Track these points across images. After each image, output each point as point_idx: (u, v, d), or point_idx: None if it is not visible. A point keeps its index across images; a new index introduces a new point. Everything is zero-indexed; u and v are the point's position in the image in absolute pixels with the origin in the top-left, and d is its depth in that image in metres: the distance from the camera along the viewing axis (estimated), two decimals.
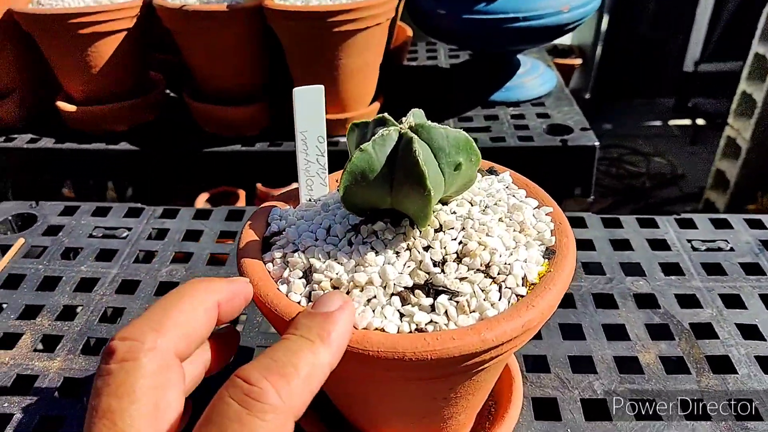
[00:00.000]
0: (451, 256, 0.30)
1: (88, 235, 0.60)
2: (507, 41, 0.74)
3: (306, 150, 0.35)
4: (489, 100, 0.82)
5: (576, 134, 0.74)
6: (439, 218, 0.31)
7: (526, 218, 0.32)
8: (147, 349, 0.22)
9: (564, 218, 0.33)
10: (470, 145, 0.30)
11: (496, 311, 0.28)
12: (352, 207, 0.31)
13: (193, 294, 0.25)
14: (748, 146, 1.73)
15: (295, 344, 0.23)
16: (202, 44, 0.72)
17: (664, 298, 0.51)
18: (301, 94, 0.34)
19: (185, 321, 0.24)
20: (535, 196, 0.35)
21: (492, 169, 0.38)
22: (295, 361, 0.22)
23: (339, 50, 0.68)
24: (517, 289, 0.29)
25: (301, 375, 0.22)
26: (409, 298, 0.28)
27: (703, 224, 0.60)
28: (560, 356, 0.46)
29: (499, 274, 0.29)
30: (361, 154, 0.28)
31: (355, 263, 0.30)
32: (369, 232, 0.31)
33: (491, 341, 0.26)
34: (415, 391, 0.31)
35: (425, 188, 0.27)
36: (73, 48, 0.73)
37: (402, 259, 0.30)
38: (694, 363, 0.45)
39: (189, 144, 0.78)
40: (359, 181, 0.29)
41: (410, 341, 0.26)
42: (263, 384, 0.21)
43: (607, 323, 0.49)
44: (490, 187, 0.35)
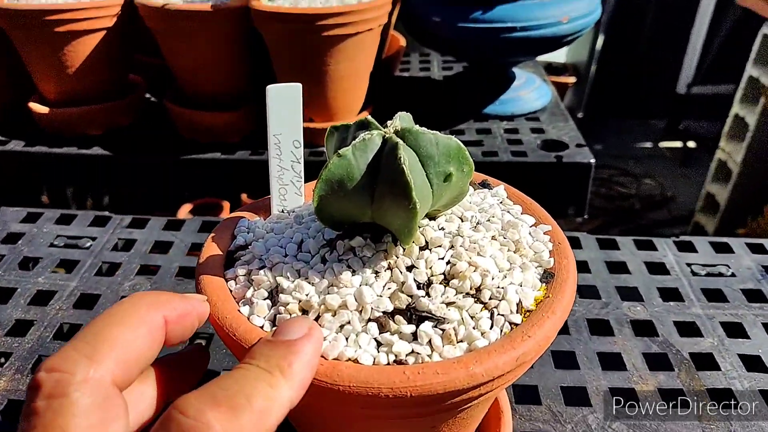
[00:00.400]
0: (438, 278, 0.27)
1: (50, 244, 0.56)
2: (503, 52, 0.71)
3: (279, 155, 0.32)
4: (482, 113, 0.79)
5: (571, 150, 0.72)
6: (426, 234, 0.28)
7: (522, 237, 0.29)
8: (78, 381, 0.18)
9: (563, 238, 0.30)
10: (462, 153, 0.27)
11: (486, 341, 0.24)
12: (327, 220, 0.28)
13: (134, 311, 0.22)
14: (739, 170, 1.71)
15: (250, 374, 0.20)
16: (185, 45, 0.69)
17: (663, 325, 0.48)
18: (276, 92, 0.31)
19: (124, 343, 0.20)
20: (532, 213, 0.32)
21: (485, 182, 0.35)
22: (248, 391, 0.19)
23: (328, 56, 0.65)
24: (511, 316, 0.26)
25: (254, 408, 0.18)
26: (388, 324, 0.25)
27: (703, 248, 0.57)
28: (552, 387, 0.43)
29: (490, 299, 0.26)
30: (339, 160, 0.25)
31: (328, 284, 0.26)
32: (345, 249, 0.28)
33: (480, 377, 0.23)
34: (394, 430, 0.27)
35: (410, 200, 0.24)
36: (48, 46, 0.70)
37: (382, 280, 0.26)
38: (695, 396, 0.42)
39: (166, 150, 0.75)
40: (336, 191, 0.26)
41: (387, 375, 0.23)
42: (205, 417, 0.17)
43: (603, 351, 0.46)
44: (482, 202, 0.32)
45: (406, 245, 0.27)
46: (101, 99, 0.76)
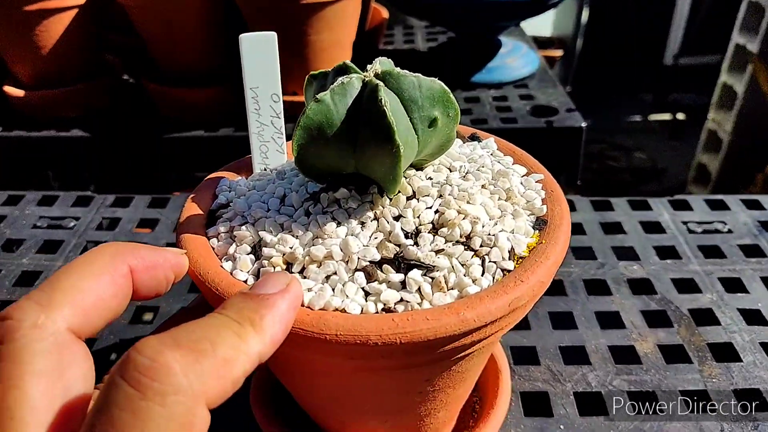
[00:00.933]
0: (426, 227, 0.25)
1: (33, 225, 0.55)
2: (488, 17, 0.69)
3: (258, 110, 0.31)
4: (470, 82, 0.78)
5: (561, 115, 0.71)
6: (413, 184, 0.27)
7: (513, 185, 0.28)
8: (27, 327, 0.18)
9: (556, 186, 0.29)
10: (447, 96, 0.26)
11: (478, 288, 0.23)
12: (309, 171, 0.26)
13: (96, 260, 0.21)
14: (729, 139, 1.71)
15: (218, 322, 0.19)
16: (158, 19, 0.67)
17: (661, 283, 0.47)
18: (250, 41, 0.29)
19: (82, 291, 0.20)
20: (524, 163, 0.31)
21: (474, 135, 0.34)
22: (213, 338, 0.18)
23: (307, 25, 0.63)
24: (503, 263, 0.25)
25: (218, 355, 0.17)
26: (376, 274, 0.24)
27: (699, 205, 0.56)
28: (550, 347, 0.42)
29: (481, 247, 0.25)
30: (317, 105, 0.24)
31: (312, 236, 0.25)
32: (330, 201, 0.27)
33: (472, 322, 0.22)
34: (387, 384, 0.26)
35: (393, 144, 0.23)
36: (19, 26, 0.68)
37: (368, 230, 0.25)
38: (696, 351, 0.42)
39: (147, 129, 0.73)
40: (315, 138, 0.24)
41: (375, 322, 0.22)
42: (164, 358, 0.16)
43: (601, 311, 0.45)
44: (472, 153, 0.31)
45: (392, 194, 0.26)
46: (77, 80, 0.74)
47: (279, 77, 0.30)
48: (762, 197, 0.57)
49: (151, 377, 0.16)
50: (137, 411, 0.15)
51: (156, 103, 0.75)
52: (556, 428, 0.37)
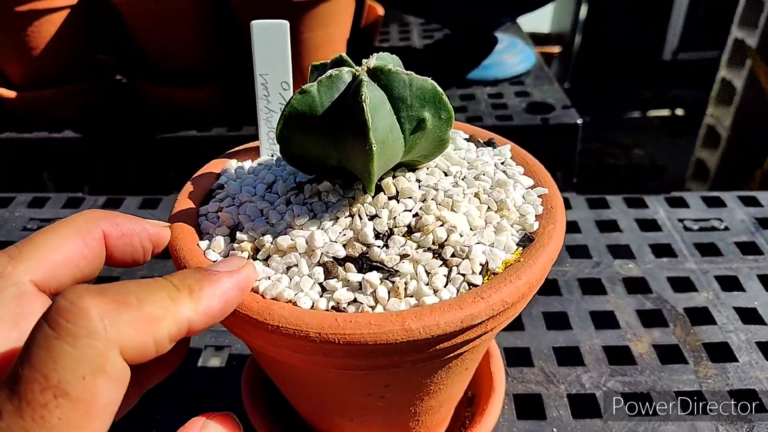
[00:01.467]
0: (401, 230, 0.25)
1: (22, 228, 0.54)
2: (483, 11, 0.69)
3: (267, 97, 0.31)
4: (465, 79, 0.77)
5: (558, 112, 0.70)
6: (398, 184, 0.26)
7: (508, 197, 0.27)
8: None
9: (559, 203, 0.28)
10: (439, 97, 0.25)
11: (437, 299, 0.23)
12: (293, 159, 0.26)
13: (71, 222, 0.22)
14: (728, 134, 1.70)
15: (155, 283, 0.19)
16: (151, 18, 0.66)
17: (656, 281, 0.47)
18: (261, 28, 0.29)
19: (51, 247, 0.21)
20: (533, 174, 0.30)
21: (491, 140, 0.32)
22: (142, 294, 0.18)
23: (300, 23, 0.63)
24: (471, 276, 0.23)
25: (142, 310, 0.17)
26: (336, 270, 0.24)
27: (695, 202, 0.56)
28: (544, 348, 0.42)
29: (453, 257, 0.24)
30: (301, 96, 0.24)
31: (285, 225, 0.25)
32: (312, 193, 0.27)
33: (417, 333, 0.21)
34: (345, 384, 0.26)
35: (367, 141, 0.22)
36: (10, 27, 0.67)
37: (339, 226, 0.25)
38: (691, 351, 0.41)
39: (140, 129, 0.72)
40: (296, 127, 0.24)
41: (318, 319, 0.22)
42: (83, 302, 0.16)
43: (595, 310, 0.45)
44: (477, 159, 0.30)
45: (369, 191, 0.25)
46: (70, 80, 0.73)
47: (290, 65, 0.30)
48: (759, 194, 0.56)
49: (67, 318, 0.16)
50: (51, 349, 0.15)
51: (149, 102, 0.74)
52: (549, 431, 0.36)
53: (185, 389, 0.39)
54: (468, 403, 0.36)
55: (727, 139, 1.71)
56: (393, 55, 0.27)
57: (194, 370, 0.41)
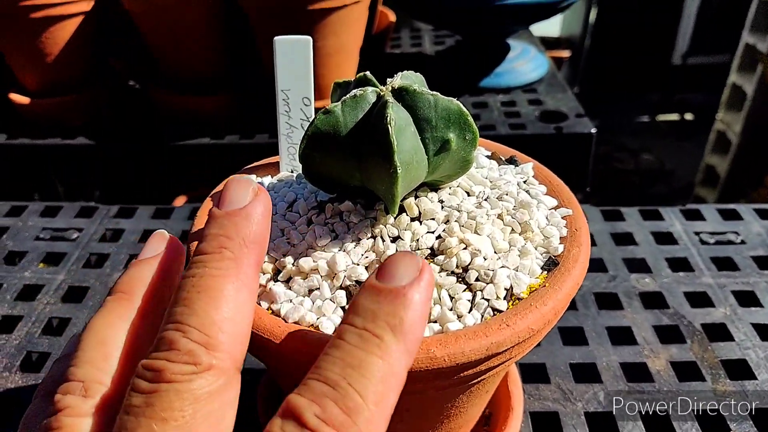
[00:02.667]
0: (424, 252, 0.25)
1: (35, 237, 0.54)
2: (497, 20, 0.68)
3: (288, 113, 0.30)
4: (478, 87, 0.77)
5: (571, 121, 0.69)
6: (421, 205, 0.26)
7: (532, 219, 0.26)
8: (202, 370, 0.17)
9: (584, 225, 0.27)
10: (464, 118, 0.25)
11: (461, 325, 0.22)
12: (315, 179, 0.26)
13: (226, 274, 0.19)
14: (738, 140, 1.69)
15: (356, 352, 0.17)
16: (164, 25, 0.66)
17: (673, 296, 0.47)
18: (285, 45, 0.29)
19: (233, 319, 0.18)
20: (557, 194, 0.29)
21: (513, 158, 0.32)
22: (359, 383, 0.17)
23: (314, 30, 0.63)
24: (496, 302, 0.23)
25: (370, 404, 0.17)
26: None
27: (711, 215, 0.55)
28: (560, 364, 0.41)
29: (477, 281, 0.24)
30: (325, 116, 0.24)
31: (306, 246, 0.25)
32: (333, 213, 0.27)
33: (441, 361, 0.21)
34: None
35: (392, 164, 0.22)
36: (24, 34, 0.67)
37: (362, 248, 0.25)
38: (709, 368, 0.41)
39: (152, 136, 0.72)
40: (320, 148, 0.24)
41: None
42: (324, 429, 0.16)
43: (612, 326, 0.44)
44: (499, 178, 0.29)
45: (392, 213, 0.25)
46: (83, 87, 0.73)
47: (312, 81, 0.30)
48: None
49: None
50: None
51: (161, 109, 0.74)
52: None
53: None
54: (485, 422, 0.36)
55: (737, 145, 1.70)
56: (417, 74, 0.27)
57: None
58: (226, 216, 0.20)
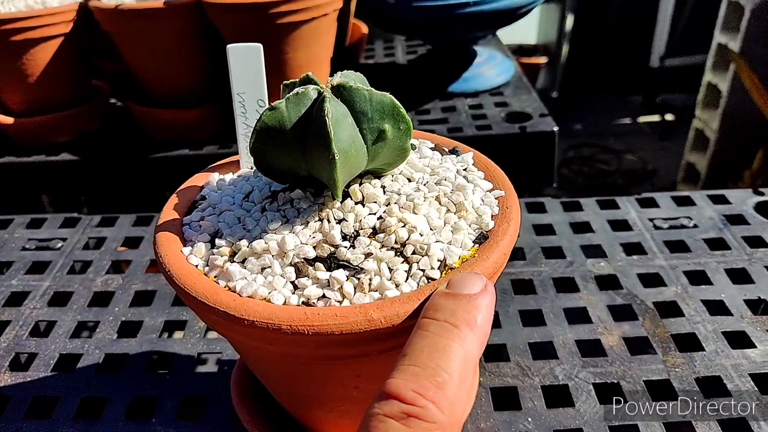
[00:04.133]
0: (366, 232, 0.27)
1: (21, 248, 0.57)
2: (459, 28, 0.72)
3: (245, 113, 0.33)
4: (447, 92, 0.80)
5: (535, 120, 0.73)
6: (363, 191, 0.29)
7: (467, 199, 0.29)
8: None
9: (515, 203, 0.30)
10: (397, 110, 0.28)
11: (398, 293, 0.25)
12: (266, 171, 0.29)
13: None
14: (716, 137, 1.73)
15: (440, 339, 0.21)
16: (142, 45, 0.69)
17: (627, 278, 0.49)
18: (237, 52, 0.32)
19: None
20: (492, 178, 0.32)
21: (455, 149, 0.35)
22: (445, 362, 0.20)
23: (284, 44, 0.66)
24: (430, 272, 0.26)
25: (455, 379, 0.20)
26: (306, 270, 0.26)
27: (666, 203, 0.58)
28: (520, 344, 0.44)
29: (413, 254, 0.27)
30: (270, 112, 0.26)
31: (260, 230, 0.28)
32: (285, 200, 0.29)
33: (378, 322, 0.23)
34: (318, 374, 0.29)
35: (330, 151, 0.25)
36: (6, 56, 0.70)
37: (309, 230, 0.27)
38: (660, 342, 0.43)
39: (135, 151, 0.75)
40: (268, 142, 0.27)
41: (289, 313, 0.24)
42: (422, 402, 0.19)
43: (569, 307, 0.47)
44: (439, 166, 0.32)
45: (337, 198, 0.28)
46: (66, 106, 0.76)
47: (265, 84, 0.33)
48: (727, 192, 0.59)
49: (416, 416, 0.19)
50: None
51: (143, 124, 0.77)
52: (524, 420, 0.38)
53: (180, 393, 0.41)
54: None
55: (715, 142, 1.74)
56: (357, 73, 0.30)
57: (189, 376, 0.43)
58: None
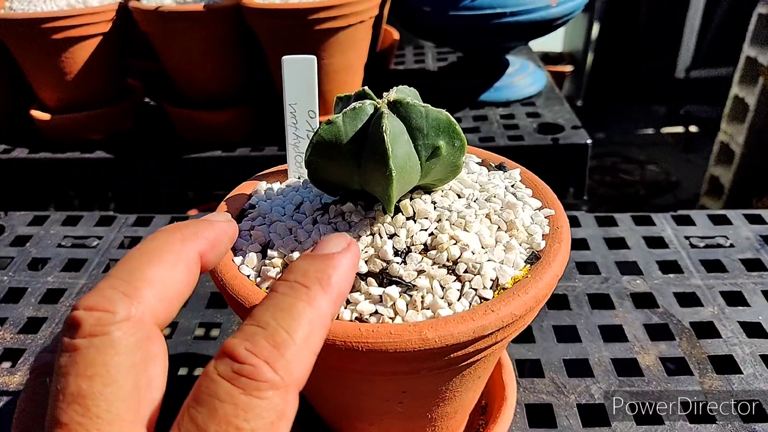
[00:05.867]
0: (418, 248, 0.27)
1: (57, 245, 0.57)
2: (495, 38, 0.72)
3: (296, 124, 0.33)
4: (478, 101, 0.80)
5: (567, 132, 0.72)
6: (415, 206, 0.29)
7: (517, 218, 0.29)
8: (120, 320, 0.18)
9: (565, 224, 0.30)
10: (453, 127, 0.27)
11: (451, 312, 0.25)
12: (319, 183, 0.29)
13: (170, 247, 0.20)
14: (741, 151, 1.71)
15: (286, 298, 0.19)
16: (179, 46, 0.70)
17: (663, 297, 0.49)
18: (292, 63, 0.32)
19: (163, 281, 0.19)
20: (542, 197, 0.32)
21: (502, 164, 0.35)
22: (287, 322, 0.19)
23: (321, 49, 0.66)
24: (483, 291, 0.26)
25: (297, 340, 0.18)
26: (359, 285, 0.26)
27: (702, 221, 0.57)
28: (555, 360, 0.44)
29: (465, 273, 0.26)
30: (328, 126, 0.27)
31: (312, 242, 0.28)
32: (336, 213, 0.29)
33: (432, 342, 0.23)
34: (364, 388, 0.29)
35: (387, 167, 0.25)
36: (46, 54, 0.71)
37: (361, 244, 0.28)
38: (697, 364, 0.43)
39: (167, 151, 0.75)
40: (324, 155, 0.27)
41: (343, 329, 0.24)
42: (253, 360, 0.17)
43: (604, 324, 0.46)
44: (488, 182, 0.32)
45: (389, 212, 0.28)
46: (101, 104, 0.77)
47: (316, 96, 0.33)
48: (765, 212, 0.58)
49: (247, 375, 0.17)
50: (239, 403, 0.17)
51: (176, 125, 0.78)
52: None
53: None
54: (482, 411, 0.38)
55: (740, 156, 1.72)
56: (411, 88, 0.30)
57: None
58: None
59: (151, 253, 0.20)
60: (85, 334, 0.17)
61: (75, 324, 0.18)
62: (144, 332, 0.18)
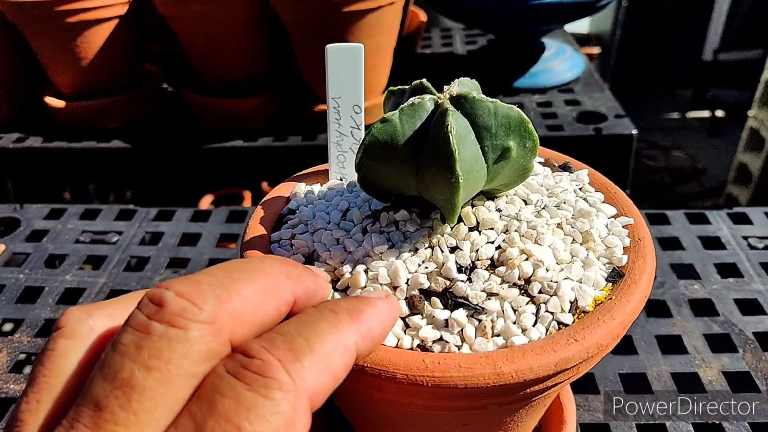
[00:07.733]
0: (484, 263, 0.24)
1: (75, 240, 0.55)
2: (533, 19, 0.67)
3: (339, 120, 0.30)
4: (512, 87, 0.76)
5: (610, 122, 0.68)
6: (478, 215, 0.26)
7: (593, 228, 0.26)
8: (202, 320, 0.16)
9: (647, 235, 0.27)
10: (525, 126, 0.24)
11: (525, 339, 0.22)
12: (370, 188, 0.26)
13: (274, 278, 0.19)
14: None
15: (311, 317, 0.18)
16: (200, 30, 0.66)
17: (723, 303, 0.45)
18: (336, 52, 0.29)
19: (254, 305, 0.18)
20: (615, 202, 0.28)
21: (567, 164, 0.31)
22: (307, 333, 0.17)
23: (348, 33, 0.62)
24: (561, 315, 0.23)
25: (315, 350, 0.16)
26: (422, 306, 0.23)
27: (759, 219, 0.54)
28: (609, 374, 0.40)
29: (540, 293, 0.23)
30: (383, 124, 0.23)
31: (363, 254, 0.24)
32: (389, 221, 0.26)
33: (508, 377, 0.20)
34: (419, 421, 0.26)
35: (453, 173, 0.22)
36: (60, 38, 0.68)
37: (419, 258, 0.24)
38: (763, 379, 0.39)
39: (187, 140, 0.72)
40: (377, 157, 0.24)
41: (404, 359, 0.21)
42: (265, 356, 0.16)
43: (661, 334, 0.43)
44: (555, 186, 0.28)
45: (450, 223, 0.25)
46: (117, 90, 0.74)
47: (363, 89, 0.30)
48: None
49: (255, 371, 0.15)
50: (241, 399, 0.15)
51: (196, 112, 0.74)
52: None
53: None
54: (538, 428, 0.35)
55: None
56: (473, 80, 0.26)
57: None
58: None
59: (253, 272, 0.18)
60: (164, 320, 0.16)
61: (158, 304, 0.16)
62: (217, 344, 0.16)
